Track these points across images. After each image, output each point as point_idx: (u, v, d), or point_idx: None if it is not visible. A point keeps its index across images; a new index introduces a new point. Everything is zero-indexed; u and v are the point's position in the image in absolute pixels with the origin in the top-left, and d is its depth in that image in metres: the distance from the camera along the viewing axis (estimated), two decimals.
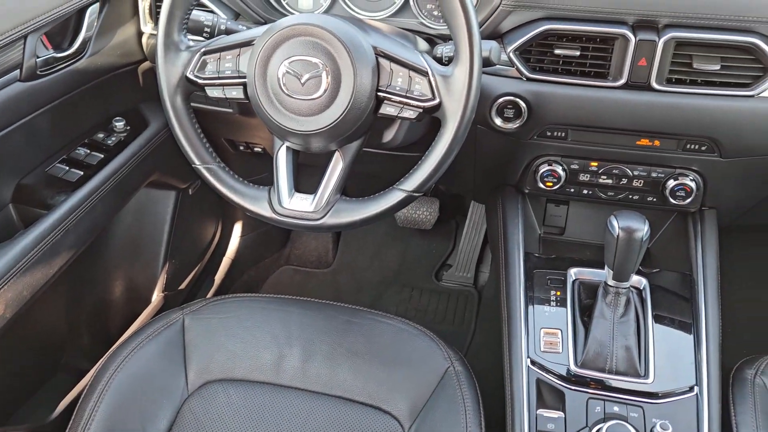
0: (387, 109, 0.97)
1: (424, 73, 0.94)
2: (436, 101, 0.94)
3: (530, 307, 1.18)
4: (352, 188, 2.12)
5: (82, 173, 1.27)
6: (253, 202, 1.04)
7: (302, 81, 0.94)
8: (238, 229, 2.10)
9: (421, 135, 1.24)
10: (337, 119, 0.94)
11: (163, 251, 1.70)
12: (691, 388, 1.07)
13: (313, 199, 1.02)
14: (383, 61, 0.96)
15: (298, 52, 0.94)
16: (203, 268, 1.95)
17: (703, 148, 1.15)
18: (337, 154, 1.03)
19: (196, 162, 1.06)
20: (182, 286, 1.83)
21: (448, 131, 0.95)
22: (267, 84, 0.96)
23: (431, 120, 0.99)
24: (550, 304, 1.18)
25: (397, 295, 2.11)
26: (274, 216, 1.03)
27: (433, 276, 2.14)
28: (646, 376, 1.08)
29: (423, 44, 1.16)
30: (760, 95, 1.07)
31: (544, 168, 1.25)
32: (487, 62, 1.01)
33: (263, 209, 1.04)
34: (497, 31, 1.14)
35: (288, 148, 1.05)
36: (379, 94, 0.96)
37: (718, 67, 1.06)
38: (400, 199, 0.99)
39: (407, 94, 0.95)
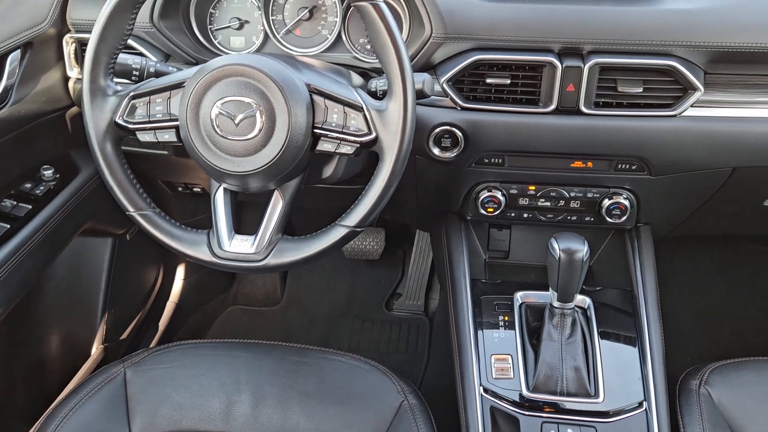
0: (324, 146, 0.97)
1: (359, 109, 0.95)
2: (373, 135, 0.95)
3: (480, 334, 1.19)
4: (298, 224, 2.10)
5: (8, 226, 1.21)
6: (192, 246, 1.02)
7: (236, 122, 0.93)
8: (181, 272, 2.04)
9: (363, 167, 1.24)
10: (274, 158, 0.93)
11: (101, 301, 1.63)
12: (640, 404, 1.09)
13: (254, 240, 1.00)
14: (317, 98, 0.96)
15: (230, 93, 0.93)
16: (146, 316, 1.88)
17: (634, 167, 1.19)
18: (276, 193, 1.01)
19: (130, 209, 1.02)
20: (124, 336, 1.76)
21: (386, 165, 0.95)
22: (200, 126, 0.94)
23: (371, 152, 1.00)
24: (499, 330, 1.19)
25: (348, 328, 2.08)
26: (214, 260, 1.01)
27: (383, 306, 2.13)
28: (596, 395, 1.10)
29: (357, 79, 1.16)
30: (682, 114, 1.12)
31: (484, 194, 1.27)
32: (420, 94, 1.02)
33: (202, 254, 1.01)
34: (430, 62, 1.16)
35: (225, 189, 1.03)
36: (315, 131, 0.96)
37: (641, 89, 1.11)
38: (342, 235, 0.98)
39: (343, 130, 0.95)
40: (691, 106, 1.11)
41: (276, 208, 1.01)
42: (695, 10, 1.09)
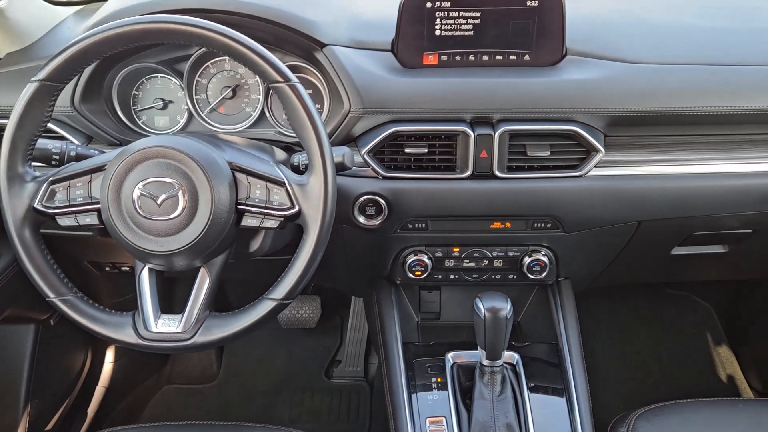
0: (248, 221, 0.99)
1: (281, 184, 0.98)
2: (296, 209, 0.97)
3: (414, 397, 1.20)
4: (232, 297, 2.08)
5: None
6: (116, 330, 1.00)
7: (158, 202, 0.94)
8: (110, 354, 1.97)
9: (291, 239, 1.25)
10: (198, 236, 0.94)
11: (23, 392, 1.55)
12: None
13: (181, 318, 1.00)
14: (240, 175, 0.98)
15: (151, 175, 0.94)
16: (73, 403, 1.79)
17: (549, 225, 1.26)
18: (203, 270, 1.02)
19: (51, 295, 1.00)
20: (49, 427, 1.67)
21: (310, 237, 0.97)
22: (122, 208, 0.95)
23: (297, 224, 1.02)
24: (432, 392, 1.21)
25: (288, 400, 2.04)
26: (140, 342, 0.99)
27: (323, 374, 2.11)
28: None
29: (280, 153, 1.20)
30: (587, 174, 1.20)
31: (411, 258, 1.31)
32: (341, 167, 1.06)
33: (128, 336, 0.99)
34: (350, 135, 1.21)
35: (151, 269, 1.02)
36: (239, 207, 0.98)
37: (548, 153, 1.18)
38: (270, 308, 0.99)
39: (267, 205, 0.97)
40: (595, 166, 1.20)
41: (203, 285, 1.01)
42: (591, 80, 1.18)
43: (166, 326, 0.99)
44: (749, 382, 2.03)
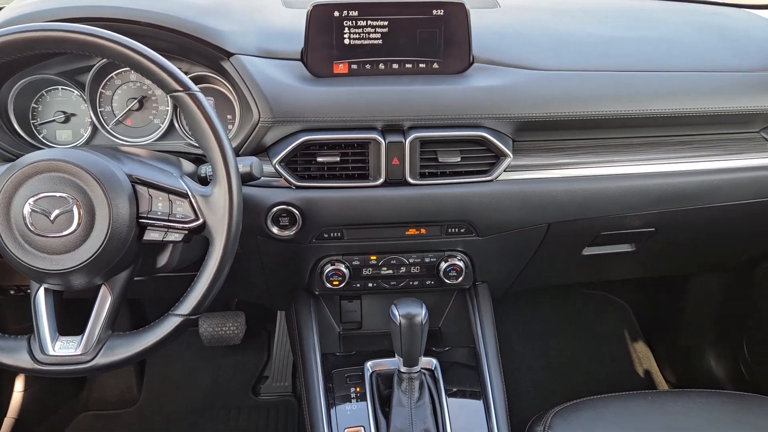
0: (151, 235, 0.95)
1: (184, 195, 0.95)
2: (200, 221, 0.95)
3: (332, 410, 1.18)
4: (152, 317, 2.00)
5: None
6: (9, 354, 0.94)
7: (51, 218, 0.89)
8: (19, 383, 1.86)
9: (202, 253, 1.22)
10: (96, 252, 0.90)
11: None
12: None
13: (81, 339, 0.95)
14: (140, 188, 0.95)
15: (43, 189, 0.90)
16: None
17: (462, 230, 1.27)
18: (104, 288, 0.97)
19: None
20: None
21: (216, 249, 0.95)
22: (11, 226, 0.90)
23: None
24: (351, 402, 1.20)
25: (214, 420, 1.99)
26: (36, 367, 0.94)
27: (250, 391, 2.06)
28: None
29: (188, 165, 1.16)
30: (497, 179, 1.23)
31: (328, 268, 1.29)
32: (249, 177, 1.04)
33: (22, 361, 0.94)
34: (261, 145, 1.19)
35: (47, 289, 0.97)
36: (140, 221, 0.94)
37: (458, 159, 1.20)
38: (176, 325, 0.96)
39: (169, 218, 0.94)
40: (504, 170, 1.22)
41: (104, 303, 0.97)
42: (497, 86, 1.21)
43: (64, 349, 0.94)
44: (664, 376, 2.13)
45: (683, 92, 1.26)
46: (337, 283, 1.30)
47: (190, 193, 0.95)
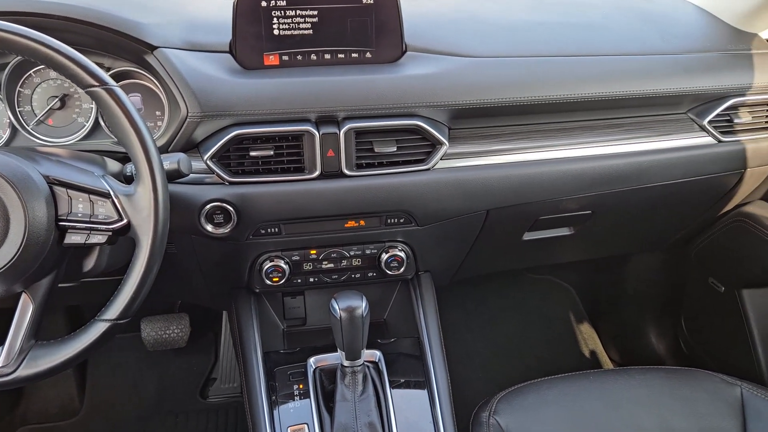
0: (73, 238, 0.91)
1: (106, 195, 0.91)
2: (124, 221, 0.91)
3: (275, 409, 1.16)
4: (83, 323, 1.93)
5: None
6: None
7: None
8: None
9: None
10: (12, 259, 0.86)
11: None
12: None
13: (1, 351, 0.90)
14: (59, 189, 0.90)
15: None
16: None
17: (402, 220, 1.26)
18: (24, 296, 0.92)
19: None
20: None
21: (142, 250, 0.92)
22: None
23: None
24: (294, 400, 1.18)
25: (161, 426, 1.93)
26: None
27: (198, 395, 2.02)
28: None
29: (114, 164, 1.12)
30: (434, 168, 1.22)
31: (267, 265, 1.27)
32: (177, 174, 1.00)
33: None
34: (192, 141, 1.15)
35: None
36: (60, 224, 0.90)
37: (394, 148, 1.19)
38: (104, 330, 0.92)
39: (91, 219, 0.90)
40: (441, 159, 1.22)
41: (25, 312, 0.92)
42: (431, 74, 1.20)
43: None
44: (609, 355, 2.18)
45: (613, 76, 1.28)
46: (277, 279, 1.28)
47: (112, 193, 0.91)
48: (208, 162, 1.14)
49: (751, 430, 1.22)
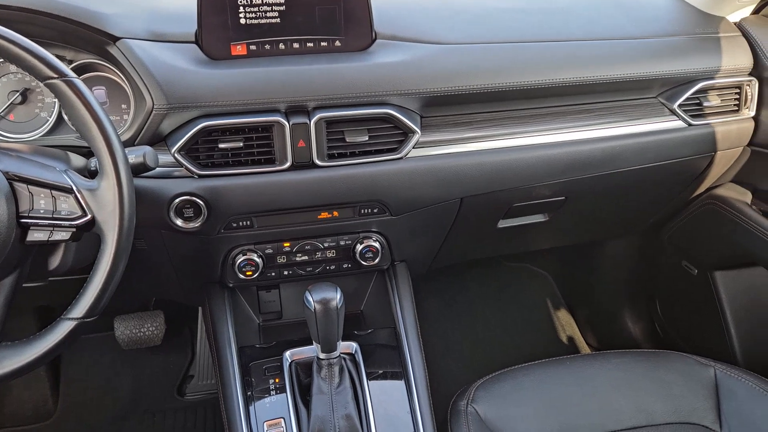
0: (35, 236, 0.88)
1: (68, 191, 0.88)
2: (88, 217, 0.88)
3: (251, 405, 1.14)
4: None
5: None
6: None
7: None
8: None
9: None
10: None
11: None
12: None
13: None
14: (19, 186, 0.88)
15: None
16: None
17: (375, 210, 1.25)
18: None
19: None
20: None
21: (108, 246, 0.89)
22: None
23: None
24: (270, 394, 1.16)
25: (138, 426, 1.91)
26: None
27: (175, 393, 1.99)
28: None
29: (78, 160, 1.09)
30: (407, 156, 1.21)
31: (240, 259, 1.25)
32: (143, 167, 0.98)
33: None
34: (159, 134, 1.13)
35: None
36: (21, 221, 0.87)
37: (366, 138, 1.18)
38: (70, 329, 0.89)
39: (54, 216, 0.88)
40: (413, 147, 1.21)
41: None
42: (401, 62, 1.19)
43: None
44: (586, 340, 2.20)
45: (584, 60, 1.28)
46: (250, 273, 1.26)
47: (74, 188, 0.88)
48: (176, 155, 1.12)
49: (724, 409, 1.24)
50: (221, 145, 1.13)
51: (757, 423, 1.20)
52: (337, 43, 1.19)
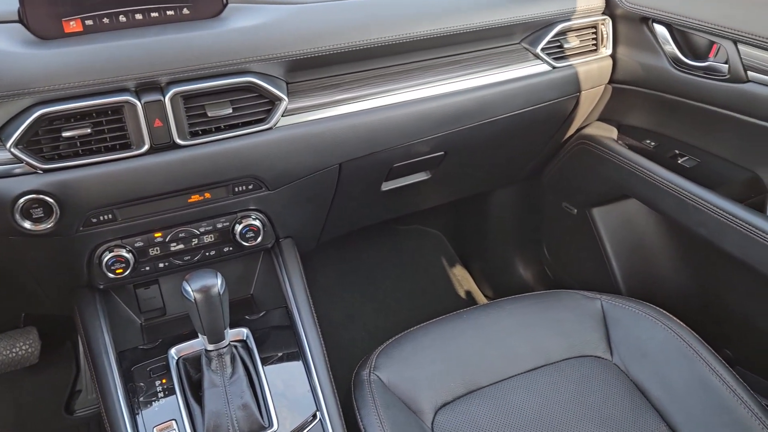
0: None
1: None
2: None
3: (138, 413, 1.05)
4: None
5: None
6: None
7: None
8: None
9: None
10: None
11: None
12: (314, 415, 1.09)
13: None
14: None
15: None
16: None
17: (251, 187, 1.18)
18: None
19: None
20: None
21: None
22: None
23: None
24: (159, 397, 1.08)
25: None
26: None
27: (63, 411, 1.83)
28: (270, 424, 1.06)
29: None
30: (277, 126, 1.15)
31: (107, 256, 1.14)
32: None
33: None
34: None
35: None
36: None
37: (230, 110, 1.10)
38: None
39: None
40: (282, 116, 1.14)
41: None
42: (258, 26, 1.12)
43: None
44: (483, 292, 2.25)
45: (445, 11, 1.26)
46: (121, 271, 1.15)
47: None
48: (12, 150, 0.99)
49: (613, 336, 1.30)
50: (66, 134, 1.01)
51: (642, 345, 1.26)
52: (185, 11, 1.09)
